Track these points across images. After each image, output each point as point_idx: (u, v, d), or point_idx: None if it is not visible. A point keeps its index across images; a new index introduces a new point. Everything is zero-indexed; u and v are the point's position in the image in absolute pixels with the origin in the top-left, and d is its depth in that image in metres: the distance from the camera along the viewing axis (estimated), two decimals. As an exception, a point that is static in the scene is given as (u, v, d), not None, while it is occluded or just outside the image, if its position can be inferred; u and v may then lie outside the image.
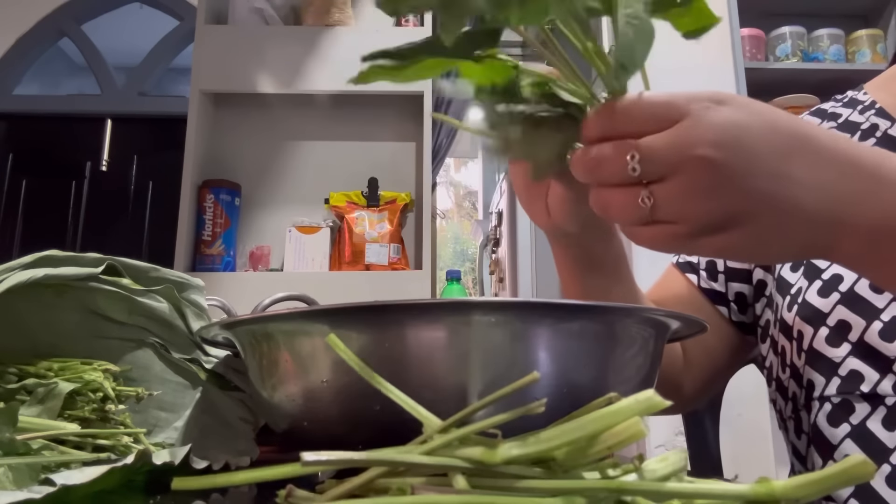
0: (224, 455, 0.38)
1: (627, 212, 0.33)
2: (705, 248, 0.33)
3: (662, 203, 0.32)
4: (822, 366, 0.48)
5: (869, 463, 0.19)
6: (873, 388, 0.45)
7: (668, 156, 0.31)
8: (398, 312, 0.33)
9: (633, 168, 0.32)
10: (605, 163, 0.33)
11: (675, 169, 0.31)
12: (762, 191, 0.32)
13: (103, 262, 0.43)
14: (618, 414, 0.21)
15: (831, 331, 0.48)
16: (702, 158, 0.31)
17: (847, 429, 0.46)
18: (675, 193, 0.32)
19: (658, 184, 0.32)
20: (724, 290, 0.60)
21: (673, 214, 0.32)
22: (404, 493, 0.20)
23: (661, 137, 0.32)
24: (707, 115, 0.32)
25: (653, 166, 0.32)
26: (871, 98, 0.58)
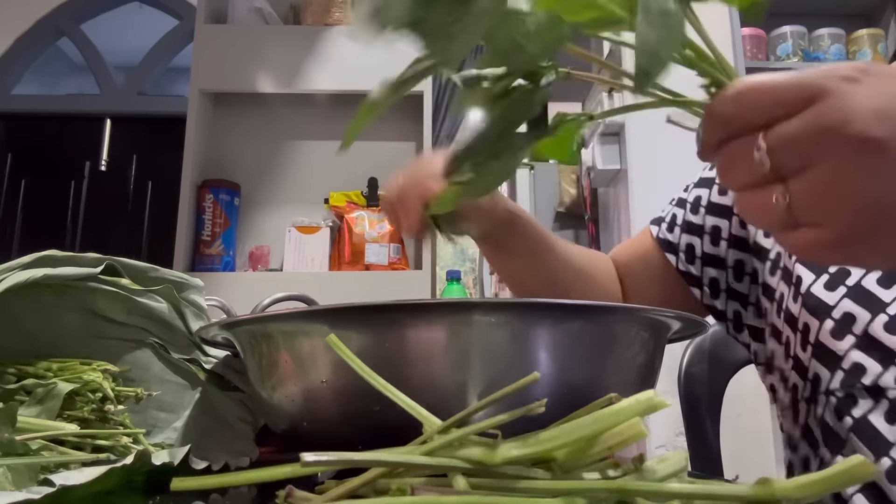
0: (223, 455, 0.38)
1: (765, 215, 0.27)
2: (866, 260, 0.28)
3: (801, 201, 0.26)
4: (827, 359, 0.48)
5: (869, 463, 0.19)
6: (875, 380, 0.45)
7: (804, 142, 0.26)
8: (398, 312, 0.33)
9: (760, 162, 0.26)
10: (731, 163, 0.28)
11: (816, 157, 0.25)
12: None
13: (102, 262, 0.43)
14: (618, 414, 0.21)
15: (836, 324, 0.48)
16: (856, 139, 0.25)
17: (850, 422, 0.46)
18: (816, 187, 0.26)
19: (795, 178, 0.26)
20: (699, 274, 0.61)
21: (816, 214, 0.26)
22: (404, 493, 0.20)
23: (793, 122, 0.26)
24: (853, 88, 0.26)
25: (786, 157, 0.26)
26: None
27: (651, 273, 0.63)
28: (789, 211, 0.27)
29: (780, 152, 0.26)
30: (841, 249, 0.27)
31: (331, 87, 1.82)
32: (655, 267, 0.63)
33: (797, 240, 0.27)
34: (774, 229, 0.28)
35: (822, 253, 0.27)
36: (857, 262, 0.29)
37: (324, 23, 1.86)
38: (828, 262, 0.30)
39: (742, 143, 0.27)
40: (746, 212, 0.29)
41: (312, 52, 1.83)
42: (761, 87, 0.27)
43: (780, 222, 0.27)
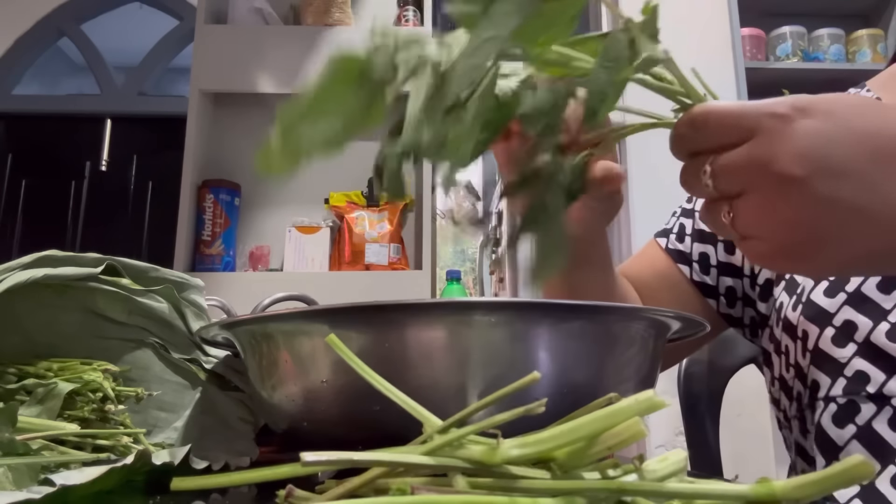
0: (224, 455, 0.38)
1: (719, 227, 0.33)
2: (808, 271, 0.33)
3: (741, 219, 0.31)
4: (828, 366, 0.48)
5: (869, 463, 0.19)
6: (879, 388, 0.45)
7: (742, 172, 0.31)
8: (398, 312, 0.33)
9: (706, 184, 0.32)
10: (686, 179, 0.33)
11: (752, 185, 0.31)
12: (852, 206, 0.30)
13: (103, 262, 0.43)
14: (618, 414, 0.21)
15: (837, 331, 0.48)
16: (780, 176, 0.30)
17: (853, 430, 0.46)
18: (753, 210, 0.31)
19: (738, 199, 0.31)
20: (715, 283, 0.61)
21: (754, 230, 0.32)
22: (404, 493, 0.20)
23: (735, 153, 0.31)
24: (786, 128, 0.30)
25: (727, 183, 0.31)
26: (874, 96, 0.58)
27: (662, 285, 0.62)
28: (734, 225, 0.32)
29: (720, 178, 0.31)
30: (783, 260, 0.32)
31: (331, 87, 1.82)
32: (666, 279, 0.62)
33: (748, 248, 0.33)
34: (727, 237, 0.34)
35: (770, 261, 0.33)
36: (801, 272, 0.35)
37: (324, 23, 1.86)
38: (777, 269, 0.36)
39: (695, 163, 0.33)
40: (704, 220, 0.34)
41: (312, 52, 1.83)
42: (711, 116, 0.32)
43: (731, 233, 0.33)
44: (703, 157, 0.32)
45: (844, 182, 0.30)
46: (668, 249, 0.63)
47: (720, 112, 0.32)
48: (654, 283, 0.63)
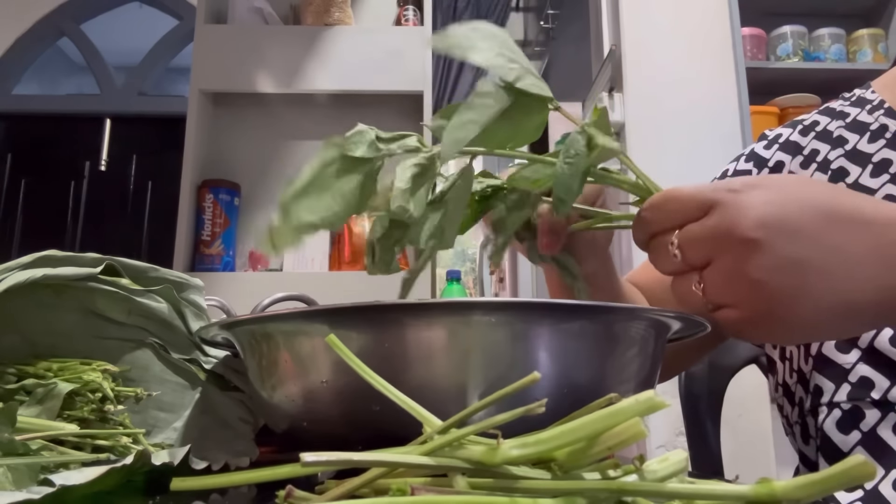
0: (223, 455, 0.38)
1: (691, 298, 0.34)
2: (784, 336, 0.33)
3: (710, 286, 0.33)
4: (831, 371, 0.48)
5: (869, 464, 0.19)
6: (884, 394, 0.45)
7: (706, 241, 0.33)
8: (398, 312, 0.33)
9: (673, 255, 0.34)
10: (654, 258, 0.36)
11: (717, 252, 0.32)
12: (813, 265, 0.32)
13: (102, 262, 0.43)
14: (618, 414, 0.21)
15: None
16: (743, 240, 0.31)
17: (858, 436, 0.46)
18: (721, 275, 0.32)
19: (705, 269, 0.33)
20: None
21: (725, 297, 0.33)
22: (404, 493, 0.20)
23: (698, 224, 0.33)
24: (740, 199, 0.32)
25: (694, 252, 0.33)
26: (879, 97, 0.58)
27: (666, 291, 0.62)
28: (706, 294, 0.33)
29: (688, 249, 0.33)
30: (757, 326, 0.33)
31: (331, 87, 1.82)
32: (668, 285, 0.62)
33: (722, 317, 0.34)
34: (701, 310, 0.35)
35: (744, 329, 0.34)
36: (777, 338, 0.36)
37: (324, 23, 1.86)
38: (752, 338, 0.36)
39: (661, 240, 0.35)
40: (676, 295, 0.36)
41: (312, 52, 1.83)
42: (671, 199, 0.35)
43: (703, 304, 0.34)
44: (668, 235, 0.34)
45: (802, 242, 0.32)
46: None
47: (679, 192, 0.34)
48: (658, 289, 0.63)
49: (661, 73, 1.88)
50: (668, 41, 1.90)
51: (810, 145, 0.59)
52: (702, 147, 1.80)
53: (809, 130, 0.60)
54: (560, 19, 2.67)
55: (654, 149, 1.80)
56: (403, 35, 1.87)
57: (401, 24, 1.93)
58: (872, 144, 0.54)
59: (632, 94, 1.87)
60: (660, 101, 1.86)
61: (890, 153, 0.52)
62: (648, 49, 1.90)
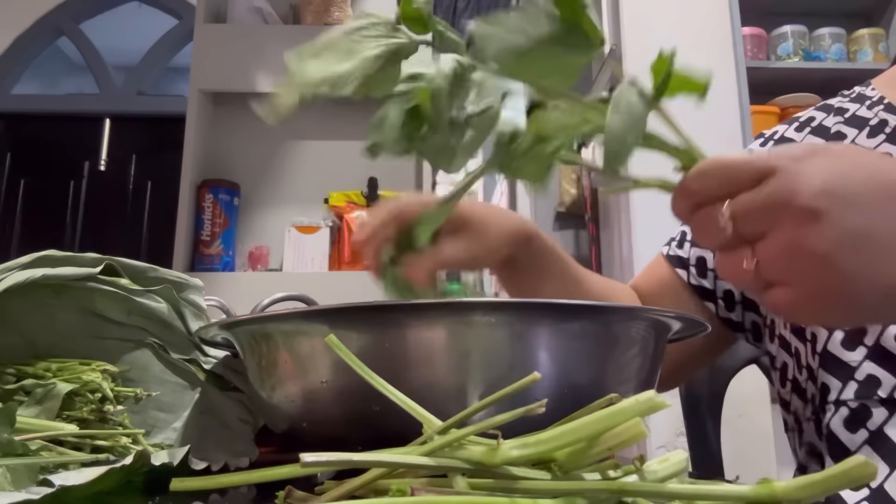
0: (223, 456, 0.38)
1: (740, 276, 0.31)
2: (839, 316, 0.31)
3: (766, 262, 0.30)
4: (838, 369, 0.48)
5: (871, 464, 0.19)
6: (891, 393, 0.45)
7: (761, 212, 0.30)
8: (398, 312, 0.33)
9: (724, 226, 0.31)
10: (699, 229, 0.32)
11: (772, 225, 0.30)
12: (877, 240, 0.29)
13: (101, 262, 0.43)
14: (618, 415, 0.21)
15: (846, 334, 0.48)
16: (805, 210, 0.29)
17: (865, 434, 0.46)
18: (778, 250, 0.30)
19: (760, 242, 0.30)
20: (712, 287, 0.60)
21: (780, 273, 0.30)
22: (404, 494, 0.20)
23: (751, 194, 0.30)
24: (801, 166, 0.30)
25: (747, 223, 0.30)
26: (879, 94, 0.58)
27: (663, 292, 0.62)
28: (758, 271, 0.31)
29: (741, 220, 0.31)
30: (811, 305, 0.30)
31: (331, 86, 1.82)
32: (666, 285, 0.62)
33: (771, 298, 0.31)
34: (751, 289, 0.32)
35: (796, 310, 0.31)
36: (832, 319, 0.33)
37: (324, 22, 1.86)
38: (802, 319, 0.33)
39: (708, 211, 0.32)
40: (725, 272, 0.33)
41: (312, 51, 1.82)
42: (722, 165, 0.32)
43: (754, 282, 0.31)
44: (717, 205, 0.31)
45: (868, 216, 0.30)
46: (668, 256, 0.64)
47: (731, 159, 0.32)
48: (656, 291, 0.63)
49: (661, 73, 1.88)
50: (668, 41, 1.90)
51: (805, 140, 0.59)
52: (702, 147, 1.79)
53: (805, 126, 0.60)
54: (560, 19, 2.66)
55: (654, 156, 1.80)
56: (403, 35, 1.87)
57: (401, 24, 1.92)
58: (872, 140, 0.54)
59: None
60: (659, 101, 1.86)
61: (890, 148, 0.52)
62: (648, 49, 1.89)
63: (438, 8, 2.79)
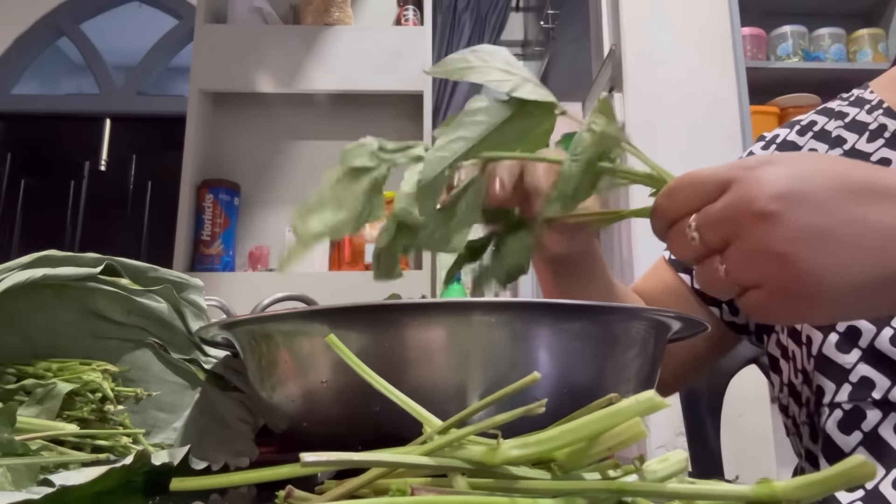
0: (223, 456, 0.38)
1: (714, 284, 0.33)
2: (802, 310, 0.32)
3: (733, 267, 0.32)
4: (832, 372, 0.48)
5: (869, 464, 0.19)
6: (885, 394, 0.45)
7: (724, 220, 0.31)
8: (398, 312, 0.33)
9: (692, 238, 0.33)
10: (673, 245, 0.35)
11: (735, 231, 0.31)
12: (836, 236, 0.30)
13: (102, 262, 0.43)
14: (618, 415, 0.21)
15: (841, 336, 0.48)
16: (762, 214, 0.30)
17: (859, 436, 0.46)
18: (743, 254, 0.31)
19: (727, 250, 0.32)
20: None
21: (748, 277, 0.32)
22: (404, 493, 0.20)
23: (713, 206, 0.32)
24: (756, 174, 0.31)
25: (711, 233, 0.32)
26: (877, 97, 0.58)
27: (666, 297, 0.62)
28: (729, 277, 0.32)
29: (705, 230, 0.32)
30: (782, 304, 0.31)
31: (331, 87, 1.82)
32: (669, 290, 0.62)
33: (745, 302, 0.33)
34: (726, 296, 0.34)
35: (772, 309, 0.32)
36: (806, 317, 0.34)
37: (324, 23, 1.86)
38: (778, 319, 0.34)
39: (679, 226, 0.34)
40: (701, 282, 0.35)
41: (312, 52, 1.82)
42: (687, 183, 0.34)
43: (728, 288, 0.33)
44: (685, 220, 0.33)
45: (825, 214, 0.31)
46: (670, 261, 0.63)
47: (694, 176, 0.34)
48: (659, 296, 0.63)
49: (661, 73, 1.88)
50: (668, 41, 1.90)
51: (808, 145, 0.59)
52: (702, 147, 1.80)
53: (807, 130, 0.60)
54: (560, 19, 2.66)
55: (653, 149, 1.80)
56: (403, 35, 1.87)
57: (401, 24, 1.93)
58: (871, 144, 0.54)
59: (632, 93, 1.87)
60: (660, 101, 1.86)
61: (889, 152, 0.52)
62: (648, 49, 1.90)
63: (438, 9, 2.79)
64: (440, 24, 2.84)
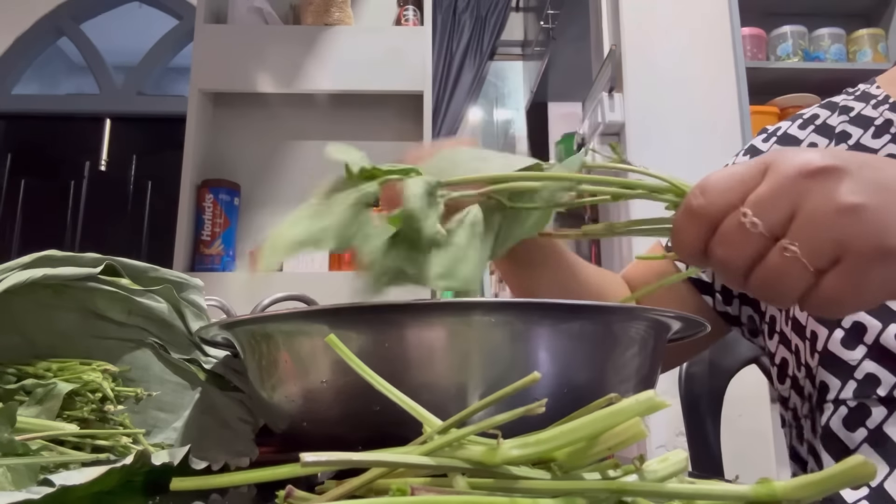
0: (223, 455, 0.38)
1: (788, 277, 0.29)
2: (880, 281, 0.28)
3: (806, 239, 0.28)
4: (837, 368, 0.48)
5: (870, 464, 0.19)
6: (890, 391, 0.45)
7: (780, 192, 0.29)
8: (398, 312, 0.33)
9: (752, 224, 0.29)
10: (729, 242, 0.30)
11: (798, 200, 0.29)
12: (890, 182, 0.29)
13: (102, 262, 0.43)
14: (618, 414, 0.21)
15: (846, 333, 0.47)
16: (821, 171, 0.28)
17: (864, 433, 0.46)
18: (813, 221, 0.28)
19: (792, 224, 0.29)
20: (711, 280, 0.60)
21: (827, 248, 0.28)
22: (404, 493, 0.20)
23: (762, 186, 0.29)
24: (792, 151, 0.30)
25: (772, 211, 0.29)
26: (884, 92, 0.58)
27: (661, 287, 0.62)
28: (804, 255, 0.28)
29: (766, 212, 0.29)
30: (872, 269, 0.28)
31: (331, 87, 1.82)
32: (664, 277, 0.62)
33: (828, 288, 0.29)
34: (800, 293, 0.30)
35: (859, 286, 0.28)
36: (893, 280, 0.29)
37: (324, 23, 1.86)
38: (870, 295, 0.29)
39: (728, 223, 0.30)
40: (768, 287, 0.30)
41: (312, 52, 1.82)
42: (721, 175, 0.31)
43: (802, 276, 0.29)
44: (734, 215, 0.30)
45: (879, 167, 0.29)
46: (666, 247, 0.64)
47: (723, 170, 0.31)
48: (652, 282, 0.63)
49: (661, 73, 1.88)
50: (668, 41, 1.90)
51: (808, 139, 0.59)
52: (702, 147, 1.80)
53: (809, 124, 0.60)
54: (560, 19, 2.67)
55: (653, 149, 1.80)
56: (403, 35, 1.87)
57: (401, 24, 1.92)
58: (877, 140, 0.54)
59: (632, 94, 1.87)
60: (660, 101, 1.86)
61: (895, 148, 0.52)
62: (648, 49, 1.90)
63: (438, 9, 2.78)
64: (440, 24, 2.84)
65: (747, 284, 0.31)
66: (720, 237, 0.30)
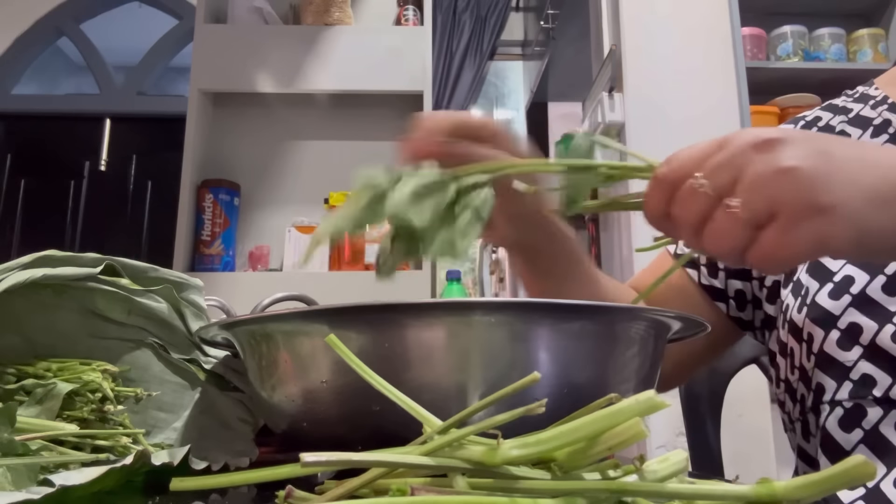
0: (223, 456, 0.38)
1: (729, 232, 0.33)
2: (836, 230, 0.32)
3: (746, 196, 0.32)
4: (833, 369, 0.48)
5: (870, 464, 0.19)
6: (886, 392, 0.45)
7: (730, 159, 0.33)
8: (398, 312, 0.33)
9: (700, 185, 0.33)
10: (680, 204, 0.34)
11: (743, 164, 0.32)
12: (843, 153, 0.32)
13: (102, 262, 0.43)
14: (618, 414, 0.21)
15: (842, 334, 0.47)
16: (766, 141, 0.32)
17: (860, 434, 0.46)
18: (753, 180, 0.32)
19: (737, 184, 0.32)
20: (723, 286, 0.60)
21: (764, 205, 0.32)
22: (404, 493, 0.20)
23: (717, 154, 0.33)
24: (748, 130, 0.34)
25: (721, 174, 0.33)
26: (882, 93, 0.58)
27: (671, 292, 0.62)
28: (742, 212, 0.32)
29: (714, 175, 0.33)
30: (803, 226, 0.31)
31: (331, 87, 1.82)
32: (674, 286, 0.62)
33: (765, 244, 0.32)
34: (741, 247, 0.33)
35: (791, 242, 0.31)
36: (827, 237, 0.32)
37: (324, 23, 1.86)
38: (801, 249, 0.32)
39: (686, 185, 0.34)
40: (715, 241, 0.34)
41: (312, 52, 1.83)
42: (682, 151, 0.35)
43: (742, 232, 0.32)
44: (691, 180, 0.34)
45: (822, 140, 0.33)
46: (676, 255, 0.63)
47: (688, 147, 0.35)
48: (663, 290, 0.62)
49: (661, 73, 1.88)
50: (668, 41, 1.90)
51: None
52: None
53: (811, 126, 0.60)
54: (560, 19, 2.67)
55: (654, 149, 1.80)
56: (403, 35, 1.87)
57: (401, 24, 1.93)
58: (876, 140, 0.54)
59: (632, 93, 1.87)
60: (660, 101, 1.86)
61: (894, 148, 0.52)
62: (648, 49, 1.90)
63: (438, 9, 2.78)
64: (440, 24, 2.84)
65: (700, 241, 0.35)
66: (677, 199, 0.35)
